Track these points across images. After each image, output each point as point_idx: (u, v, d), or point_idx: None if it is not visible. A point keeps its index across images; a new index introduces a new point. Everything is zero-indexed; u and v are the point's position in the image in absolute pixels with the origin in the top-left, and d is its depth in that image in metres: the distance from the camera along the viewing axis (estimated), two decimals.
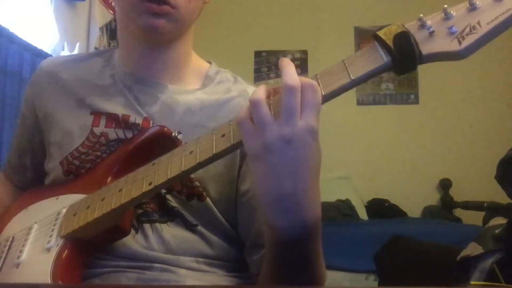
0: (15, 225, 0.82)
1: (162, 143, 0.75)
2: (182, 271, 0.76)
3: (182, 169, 0.61)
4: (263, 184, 0.55)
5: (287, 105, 0.53)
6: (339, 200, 3.58)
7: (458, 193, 3.90)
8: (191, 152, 0.62)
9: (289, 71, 0.55)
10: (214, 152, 0.59)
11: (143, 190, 0.64)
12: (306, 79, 0.55)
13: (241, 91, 0.86)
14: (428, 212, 3.89)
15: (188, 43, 0.87)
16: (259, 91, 0.56)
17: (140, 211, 0.77)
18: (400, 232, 2.20)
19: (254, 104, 0.55)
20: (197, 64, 0.90)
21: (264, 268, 0.70)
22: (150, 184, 0.64)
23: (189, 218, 0.79)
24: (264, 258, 0.70)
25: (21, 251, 0.74)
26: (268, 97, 0.57)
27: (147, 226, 0.77)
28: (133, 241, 0.75)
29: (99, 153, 0.81)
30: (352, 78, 0.56)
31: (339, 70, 0.57)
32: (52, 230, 0.74)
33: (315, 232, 0.59)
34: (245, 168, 0.80)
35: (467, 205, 3.35)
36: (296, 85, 0.54)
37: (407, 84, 4.19)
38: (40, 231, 0.76)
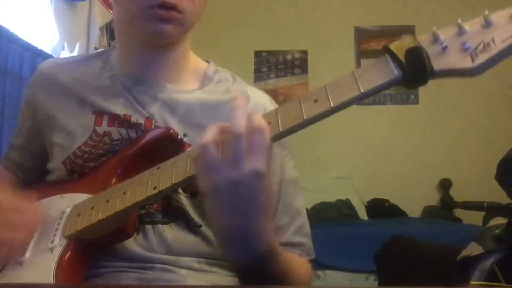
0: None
1: (167, 145, 0.75)
2: (183, 271, 0.76)
3: (187, 175, 0.62)
4: (214, 219, 0.59)
5: (234, 151, 0.55)
6: (339, 200, 3.58)
7: (458, 193, 3.89)
8: None
9: (238, 114, 0.57)
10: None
11: (148, 194, 0.64)
12: (257, 122, 0.56)
13: (241, 92, 0.86)
14: (428, 212, 3.89)
15: (187, 44, 0.87)
16: (208, 134, 0.58)
17: (142, 211, 0.77)
18: (400, 232, 2.20)
19: (201, 148, 0.57)
20: (195, 63, 0.90)
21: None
22: (155, 188, 0.64)
23: (194, 217, 0.79)
24: None
25: (25, 249, 0.74)
26: (218, 135, 0.58)
27: (148, 227, 0.77)
28: (134, 243, 0.75)
29: (102, 152, 0.81)
30: (361, 91, 0.56)
31: (348, 82, 0.57)
32: (56, 230, 0.74)
33: (268, 257, 0.62)
34: None
35: (467, 205, 3.34)
36: (242, 132, 0.55)
37: None
38: (44, 230, 0.76)
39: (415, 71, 0.54)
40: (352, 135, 4.08)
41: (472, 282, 1.22)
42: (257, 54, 4.28)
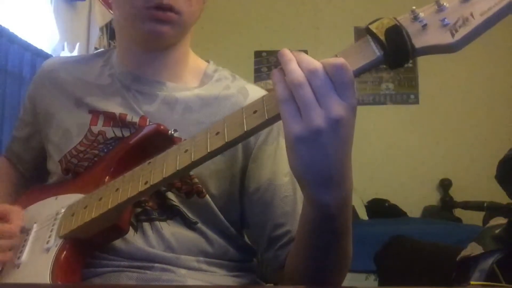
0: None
1: (158, 141, 0.75)
2: (182, 271, 0.76)
3: (177, 168, 0.61)
4: (310, 166, 0.54)
5: (322, 88, 0.52)
6: None
7: (458, 193, 3.90)
8: (186, 151, 0.62)
9: (303, 58, 0.54)
10: (208, 150, 0.59)
11: (139, 190, 0.64)
12: (330, 61, 0.54)
13: (240, 88, 0.86)
14: (428, 212, 3.90)
15: (187, 43, 0.88)
16: (298, 71, 0.54)
17: (139, 209, 0.78)
18: (400, 232, 2.20)
19: (297, 86, 0.53)
20: (195, 63, 0.90)
21: (295, 255, 0.71)
22: (146, 183, 0.64)
23: (189, 215, 0.79)
24: (296, 243, 0.71)
25: (21, 252, 0.75)
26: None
27: (146, 225, 0.77)
28: (133, 240, 0.76)
29: (96, 152, 0.81)
30: None
31: None
32: (51, 231, 0.74)
33: (350, 202, 0.61)
34: (252, 166, 0.80)
35: (467, 205, 3.35)
36: (319, 67, 0.53)
37: (407, 84, 4.19)
38: (40, 232, 0.76)
39: (396, 50, 0.54)
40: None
41: (472, 282, 1.22)
42: (257, 54, 4.28)
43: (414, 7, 0.55)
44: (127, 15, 0.80)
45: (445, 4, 0.54)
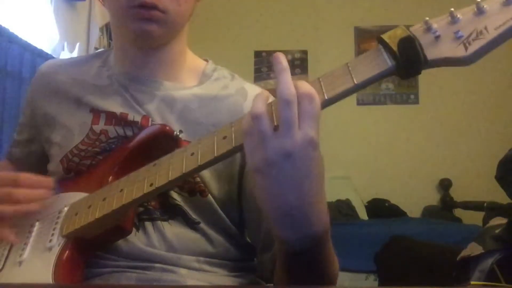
0: (17, 223, 0.83)
1: (163, 142, 0.75)
2: (183, 271, 0.76)
3: (183, 171, 0.61)
4: (268, 198, 0.55)
5: (284, 118, 0.52)
6: (339, 200, 3.58)
7: (458, 193, 3.90)
8: (192, 154, 0.62)
9: (284, 79, 0.53)
10: (215, 155, 0.59)
11: (144, 191, 0.64)
12: (304, 88, 0.53)
13: (239, 88, 0.86)
14: (428, 212, 3.90)
15: (182, 42, 0.87)
16: (258, 104, 0.54)
17: (141, 209, 0.77)
18: (400, 232, 2.21)
19: (254, 119, 0.53)
20: (193, 62, 0.90)
21: (276, 274, 0.71)
22: (151, 185, 0.64)
23: (191, 215, 0.79)
24: (276, 264, 0.70)
25: (23, 249, 0.74)
26: (267, 105, 0.56)
27: (148, 224, 0.77)
28: (134, 240, 0.75)
29: (98, 150, 0.81)
30: (355, 82, 0.55)
31: (342, 73, 0.56)
32: (54, 229, 0.74)
33: (324, 240, 0.59)
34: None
35: (467, 205, 3.35)
36: (292, 97, 0.52)
37: (407, 84, 4.19)
38: (42, 230, 0.76)
39: (408, 61, 0.54)
40: (352, 135, 4.08)
41: (472, 282, 1.22)
42: (257, 54, 4.28)
43: (427, 18, 0.55)
44: (115, 15, 0.81)
45: (459, 16, 0.54)
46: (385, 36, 0.55)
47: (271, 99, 0.86)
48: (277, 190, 0.53)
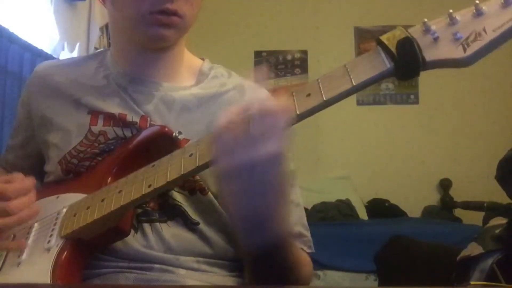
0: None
1: (162, 143, 0.75)
2: (182, 271, 0.76)
3: (182, 172, 0.61)
4: (234, 202, 0.57)
5: (253, 131, 0.53)
6: (339, 200, 3.58)
7: (458, 193, 3.89)
8: (191, 155, 0.62)
9: (256, 94, 0.56)
10: None
11: (143, 192, 0.64)
12: (268, 103, 0.54)
13: (236, 84, 0.86)
14: (428, 212, 3.89)
15: (182, 43, 0.88)
16: (224, 117, 0.56)
17: (139, 210, 0.77)
18: (400, 232, 2.21)
19: (219, 130, 0.55)
20: (191, 61, 0.90)
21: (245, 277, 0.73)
22: (149, 186, 0.64)
23: (191, 215, 0.79)
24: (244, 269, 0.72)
25: (21, 250, 0.74)
26: (246, 110, 0.56)
27: (146, 226, 0.77)
28: (132, 241, 0.75)
29: (97, 151, 0.81)
30: (354, 84, 0.55)
31: (340, 75, 0.56)
32: (52, 230, 0.74)
33: (285, 245, 0.61)
34: None
35: (467, 205, 3.35)
36: (254, 113, 0.54)
37: (407, 84, 4.19)
38: (41, 231, 0.76)
39: (406, 62, 0.54)
40: (352, 135, 4.08)
41: (472, 282, 1.22)
42: (257, 54, 4.28)
43: (425, 19, 0.55)
44: (128, 18, 0.79)
45: (457, 17, 0.54)
46: (383, 38, 0.55)
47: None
48: (240, 198, 0.56)
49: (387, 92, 4.20)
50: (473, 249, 1.31)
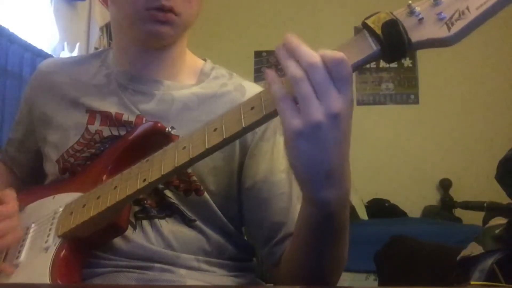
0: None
1: (156, 139, 0.75)
2: (182, 271, 0.76)
3: (176, 165, 0.61)
4: (309, 161, 0.54)
5: (320, 82, 0.52)
6: None
7: (458, 193, 3.89)
8: (184, 148, 0.62)
9: (302, 50, 0.55)
10: (206, 147, 0.59)
11: (138, 187, 0.64)
12: (329, 54, 0.54)
13: (237, 85, 0.86)
14: (428, 212, 3.89)
15: (184, 42, 0.88)
16: (292, 68, 0.54)
17: (137, 207, 0.78)
18: (400, 232, 2.20)
19: (294, 82, 0.53)
20: (192, 61, 0.91)
21: (292, 253, 0.71)
22: (144, 180, 0.64)
23: (187, 213, 0.79)
24: (294, 242, 0.70)
25: (19, 252, 0.75)
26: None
27: (145, 223, 0.77)
28: (132, 238, 0.76)
29: (93, 150, 0.81)
30: None
31: None
32: (50, 230, 0.74)
33: (349, 201, 0.61)
34: (248, 162, 0.80)
35: (467, 205, 3.34)
36: (317, 61, 0.53)
37: (407, 84, 4.19)
38: (38, 231, 0.76)
39: (392, 44, 0.54)
40: (352, 135, 4.07)
41: (472, 282, 1.22)
42: (257, 54, 4.28)
43: (410, 2, 0.55)
44: (126, 15, 0.80)
45: None
46: (369, 21, 0.56)
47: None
48: (322, 152, 0.54)
49: (387, 92, 4.20)
50: (473, 249, 1.31)
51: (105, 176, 0.76)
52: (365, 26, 0.56)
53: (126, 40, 0.85)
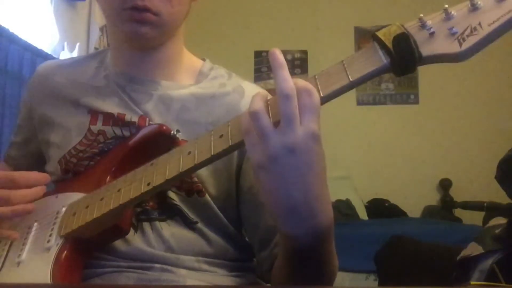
0: (15, 224, 0.83)
1: (160, 141, 0.75)
2: (182, 271, 0.76)
3: (180, 170, 0.61)
4: (272, 195, 0.55)
5: (285, 113, 0.52)
6: (339, 200, 3.57)
7: (458, 193, 3.89)
8: (189, 153, 0.62)
9: (282, 75, 0.54)
10: (212, 153, 0.59)
11: (142, 191, 0.64)
12: (301, 83, 0.54)
13: (236, 86, 0.86)
14: (428, 212, 3.89)
15: (179, 42, 0.87)
16: (257, 102, 0.54)
17: (139, 209, 0.78)
18: (400, 232, 2.20)
19: (253, 117, 0.54)
20: (190, 61, 0.90)
21: (276, 272, 0.71)
22: (148, 184, 0.64)
23: (189, 215, 0.79)
24: (277, 262, 0.71)
25: (21, 250, 0.74)
26: (266, 102, 0.56)
27: (146, 225, 0.77)
28: (132, 240, 0.76)
29: (96, 151, 0.81)
30: (350, 79, 0.55)
31: (338, 71, 0.57)
32: (52, 229, 0.74)
33: (328, 235, 0.59)
34: (245, 166, 0.80)
35: (467, 205, 3.35)
36: (291, 91, 0.53)
37: (407, 84, 4.19)
38: (40, 230, 0.76)
39: (403, 58, 0.54)
40: (352, 135, 4.08)
41: (472, 282, 1.22)
42: (257, 54, 4.28)
43: (422, 15, 0.55)
44: (108, 16, 0.81)
45: (453, 12, 0.54)
46: (380, 33, 0.55)
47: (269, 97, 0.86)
48: (281, 186, 0.53)
49: (387, 92, 4.20)
50: (473, 249, 1.31)
51: (108, 177, 0.76)
52: (375, 38, 0.56)
53: (118, 41, 0.85)
